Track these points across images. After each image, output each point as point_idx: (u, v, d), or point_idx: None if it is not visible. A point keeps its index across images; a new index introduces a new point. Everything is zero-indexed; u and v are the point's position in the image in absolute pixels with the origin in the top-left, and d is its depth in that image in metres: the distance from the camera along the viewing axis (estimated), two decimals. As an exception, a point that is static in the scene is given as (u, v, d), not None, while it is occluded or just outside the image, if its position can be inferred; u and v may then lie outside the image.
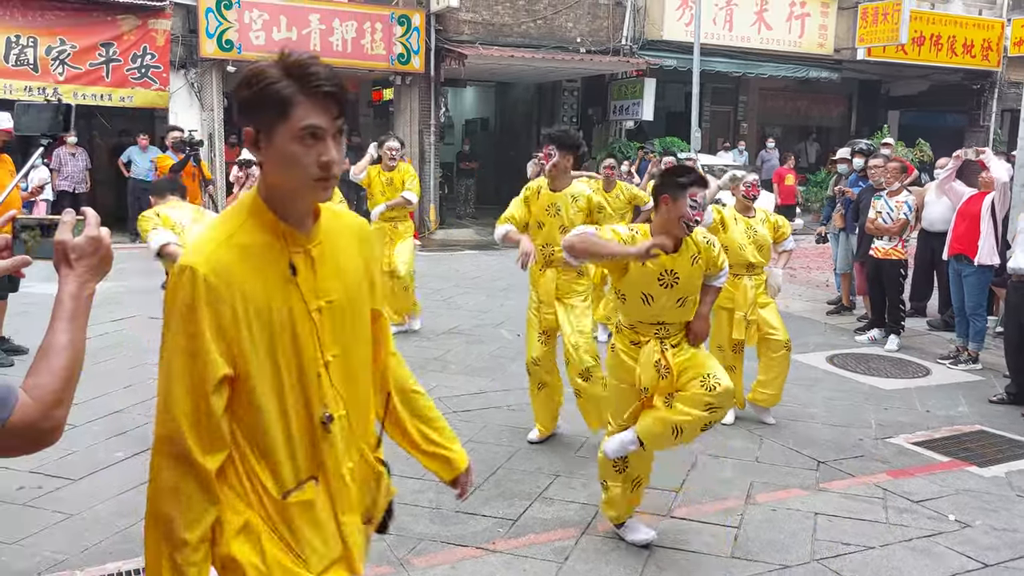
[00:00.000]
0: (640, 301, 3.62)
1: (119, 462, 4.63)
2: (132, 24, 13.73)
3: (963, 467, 4.99)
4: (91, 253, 1.50)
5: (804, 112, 23.06)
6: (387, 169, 7.77)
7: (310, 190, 1.66)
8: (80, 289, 1.48)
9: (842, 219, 9.20)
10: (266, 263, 1.67)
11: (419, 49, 15.59)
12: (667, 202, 3.48)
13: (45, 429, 1.37)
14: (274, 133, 1.62)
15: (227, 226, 1.69)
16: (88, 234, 1.50)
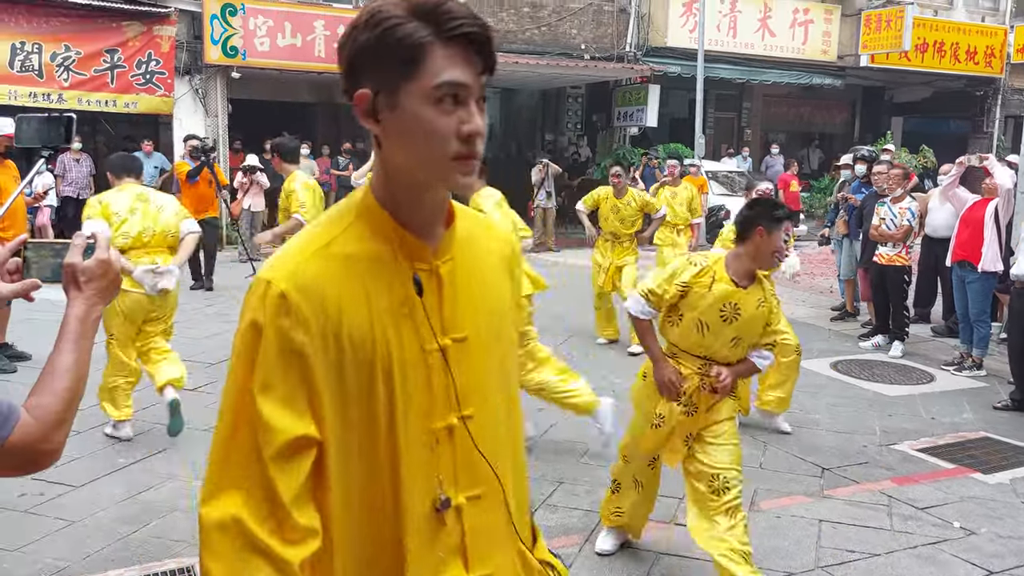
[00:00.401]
0: (694, 328, 3.43)
1: (120, 469, 4.63)
2: (137, 30, 13.77)
3: (968, 474, 4.97)
4: (100, 276, 1.50)
5: (807, 118, 23.06)
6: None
7: (445, 175, 1.22)
8: (88, 312, 1.48)
9: (846, 225, 9.18)
10: (375, 282, 1.24)
11: (423, 55, 15.59)
12: (761, 234, 3.31)
13: (44, 451, 1.36)
14: (399, 94, 1.20)
15: (326, 230, 1.27)
16: (98, 257, 1.50)
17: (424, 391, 1.26)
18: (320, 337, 1.19)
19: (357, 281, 1.23)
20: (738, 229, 3.43)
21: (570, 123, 19.80)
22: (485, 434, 1.32)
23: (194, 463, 4.70)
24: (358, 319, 1.22)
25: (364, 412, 1.22)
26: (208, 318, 8.54)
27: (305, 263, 1.22)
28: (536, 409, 5.84)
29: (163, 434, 5.13)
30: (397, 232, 1.26)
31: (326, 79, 16.15)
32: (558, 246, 15.48)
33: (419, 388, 1.25)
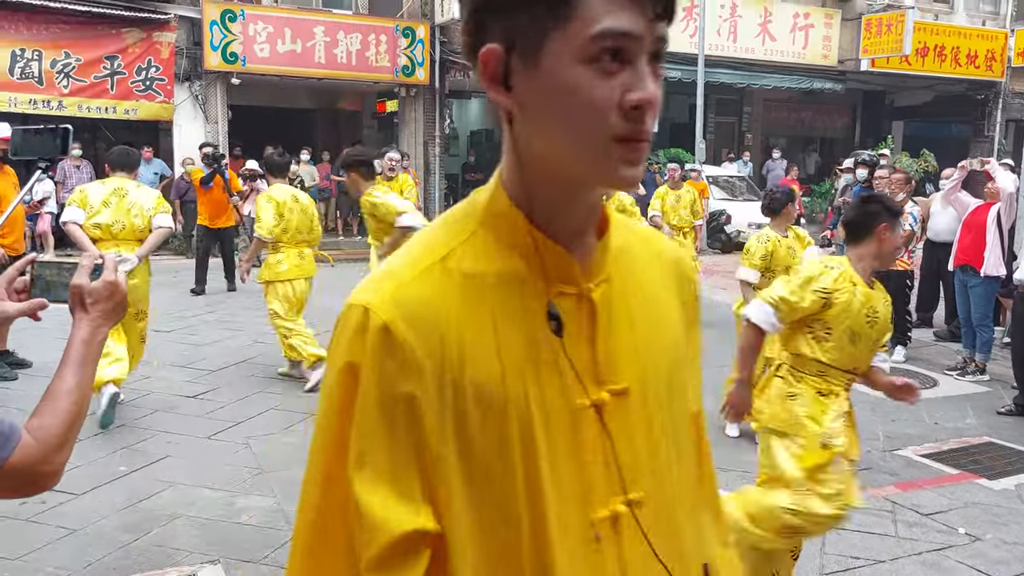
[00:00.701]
0: (847, 339, 3.13)
1: (122, 476, 4.61)
2: (137, 37, 13.80)
3: (972, 480, 4.95)
4: (107, 298, 1.50)
5: (808, 123, 23.07)
6: (387, 179, 8.11)
7: (602, 164, 0.88)
8: (93, 334, 1.47)
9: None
10: (507, 310, 0.92)
11: (424, 61, 15.64)
12: (887, 230, 3.13)
13: (44, 472, 1.35)
14: (540, 50, 0.87)
15: (442, 239, 0.96)
16: (105, 279, 1.50)
17: (576, 465, 0.91)
18: (436, 387, 0.87)
19: (483, 309, 0.90)
20: (855, 229, 3.23)
21: (571, 128, 19.78)
22: (660, 526, 0.96)
23: (195, 470, 4.68)
24: (485, 361, 0.89)
25: (498, 494, 0.89)
26: (209, 325, 8.53)
27: (415, 284, 0.90)
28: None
29: (164, 441, 5.12)
30: (535, 239, 0.93)
31: (326, 85, 16.19)
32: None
33: (569, 460, 0.91)
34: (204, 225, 10.56)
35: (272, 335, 8.08)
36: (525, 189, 0.94)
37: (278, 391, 6.25)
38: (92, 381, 1.46)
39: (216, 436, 5.27)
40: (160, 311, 9.04)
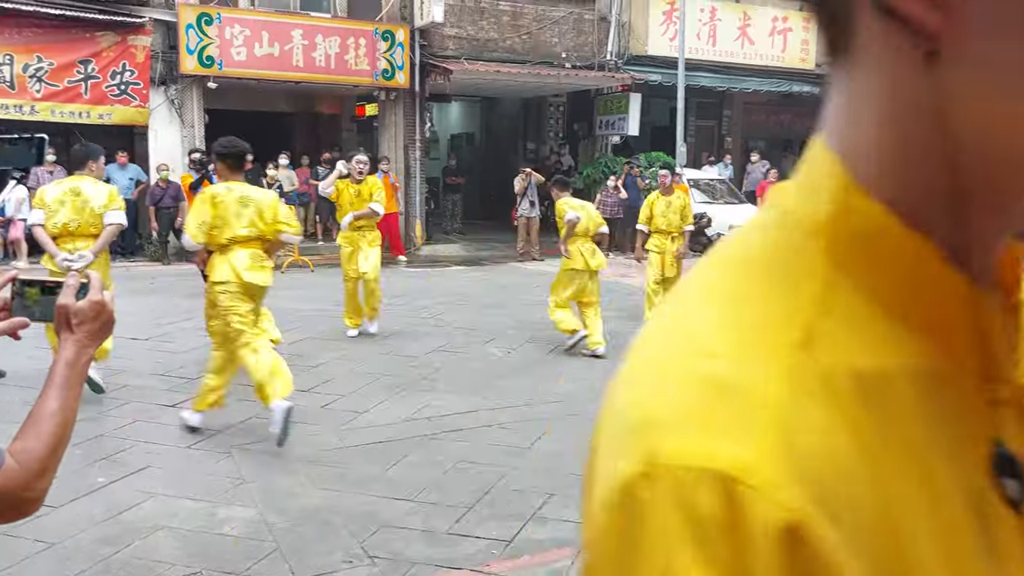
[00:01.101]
0: None
1: (101, 488, 4.49)
2: (111, 41, 13.61)
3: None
4: (93, 318, 1.45)
5: (787, 126, 23.16)
6: (355, 182, 8.33)
7: None
8: (78, 356, 1.43)
9: None
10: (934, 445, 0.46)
11: (404, 64, 15.55)
12: None
13: (26, 498, 1.31)
14: None
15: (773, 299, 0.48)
16: (91, 298, 1.45)
17: None
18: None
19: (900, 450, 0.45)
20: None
21: (552, 132, 19.78)
22: None
23: (175, 481, 4.58)
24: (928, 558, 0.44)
25: None
26: (186, 332, 8.38)
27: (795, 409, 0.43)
28: (524, 420, 5.77)
29: (144, 452, 5.01)
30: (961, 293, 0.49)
31: (304, 89, 16.05)
32: (543, 255, 15.41)
33: None
34: None
35: (252, 341, 8.01)
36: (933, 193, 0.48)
37: (258, 399, 6.13)
38: (77, 403, 1.42)
39: (196, 445, 5.17)
40: (137, 319, 8.91)
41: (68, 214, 5.82)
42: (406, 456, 5.05)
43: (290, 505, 4.32)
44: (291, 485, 4.59)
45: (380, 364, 7.24)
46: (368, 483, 4.63)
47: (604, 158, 17.82)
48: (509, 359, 7.58)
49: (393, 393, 6.37)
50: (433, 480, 4.69)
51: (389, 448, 5.19)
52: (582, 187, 17.73)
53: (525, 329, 8.85)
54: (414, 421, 5.73)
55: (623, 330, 8.96)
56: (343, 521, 4.14)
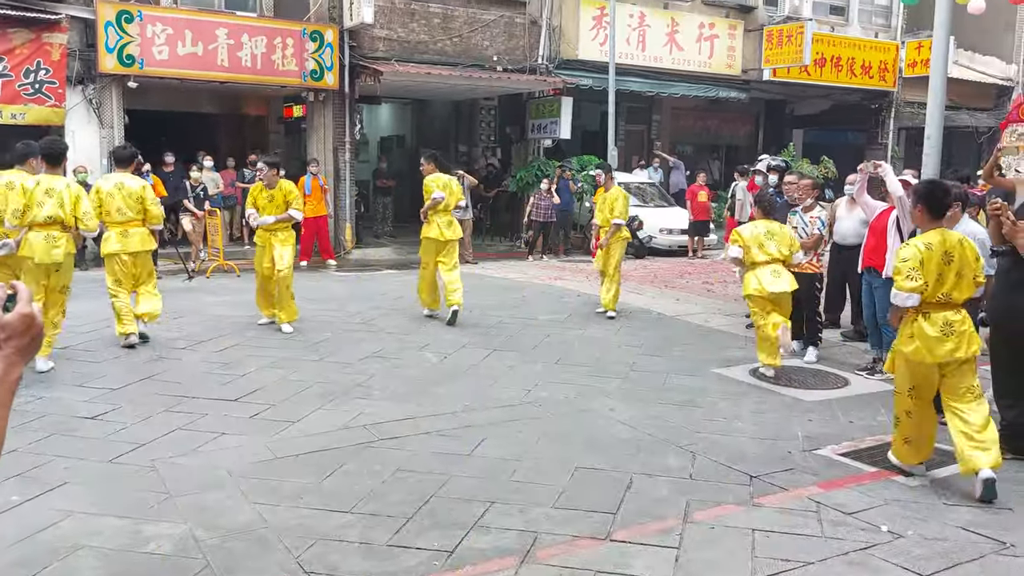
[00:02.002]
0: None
1: (15, 506, 4.24)
2: (25, 38, 13.03)
3: (890, 477, 5.05)
4: (22, 332, 1.35)
5: (714, 131, 23.67)
6: (268, 187, 8.69)
7: None
8: (7, 372, 1.33)
9: None
10: None
11: (333, 65, 15.30)
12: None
13: None
14: None
15: None
16: (21, 311, 1.35)
17: None
18: None
19: None
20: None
21: (484, 135, 19.74)
22: None
23: (96, 497, 4.36)
24: None
25: None
26: (106, 340, 8.02)
27: None
28: (464, 426, 5.69)
29: (62, 467, 4.76)
30: None
31: (230, 89, 15.67)
32: (476, 258, 15.35)
33: None
34: None
35: (183, 349, 7.73)
36: None
37: (186, 409, 5.92)
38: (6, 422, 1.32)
39: (119, 459, 4.94)
40: (54, 327, 8.51)
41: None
42: (342, 466, 4.92)
43: (220, 521, 4.15)
44: (221, 499, 4.41)
45: (312, 371, 7.07)
46: (303, 495, 4.49)
47: (537, 161, 17.87)
48: (444, 364, 7.49)
49: (327, 401, 6.22)
50: (371, 490, 4.57)
51: (324, 458, 5.05)
52: (515, 190, 17.76)
53: (460, 334, 8.77)
54: (350, 429, 5.59)
55: (555, 332, 8.97)
56: (277, 536, 4.00)
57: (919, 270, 4.74)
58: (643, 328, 9.47)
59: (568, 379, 7.08)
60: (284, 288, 8.54)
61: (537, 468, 4.97)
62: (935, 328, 4.76)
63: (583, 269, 14.64)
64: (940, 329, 4.76)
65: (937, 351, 4.77)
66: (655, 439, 5.60)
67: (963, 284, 4.82)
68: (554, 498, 4.53)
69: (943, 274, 4.77)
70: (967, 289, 4.85)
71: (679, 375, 7.37)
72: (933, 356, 4.77)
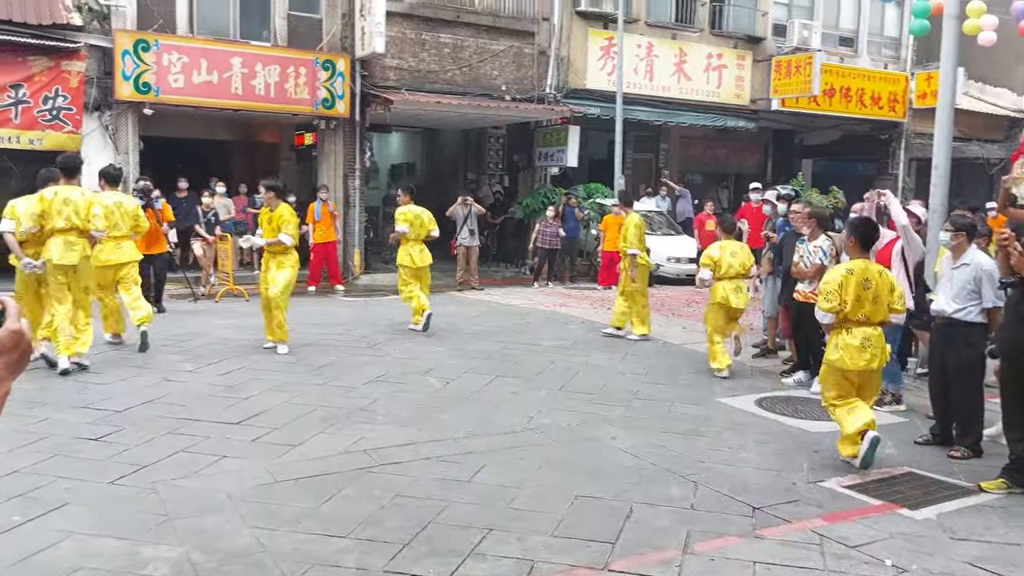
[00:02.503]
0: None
1: (16, 527, 4.25)
2: (44, 65, 13.24)
3: (895, 510, 5.00)
4: (11, 348, 1.35)
5: (723, 160, 23.71)
6: (270, 209, 8.96)
7: None
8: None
9: (770, 263, 9.36)
10: None
11: (344, 94, 15.47)
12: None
13: None
14: None
15: None
16: (9, 327, 1.35)
17: None
18: None
19: None
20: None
21: (492, 163, 19.86)
22: None
23: (97, 519, 4.36)
24: None
25: None
26: (112, 362, 8.08)
27: None
28: (465, 452, 5.68)
29: (63, 488, 4.76)
30: None
31: (243, 117, 15.85)
32: (482, 284, 15.38)
33: None
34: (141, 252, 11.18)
35: (189, 372, 7.76)
36: None
37: (189, 432, 5.93)
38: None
39: (120, 481, 4.94)
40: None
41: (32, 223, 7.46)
42: (341, 490, 4.91)
43: (218, 544, 4.15)
44: (219, 523, 4.41)
45: (316, 395, 7.07)
46: (301, 519, 4.48)
47: (543, 189, 17.94)
48: (448, 390, 7.48)
49: (329, 425, 6.22)
50: (369, 515, 4.56)
51: (324, 482, 5.04)
52: (521, 217, 17.83)
53: (464, 359, 8.77)
54: (350, 454, 5.59)
55: (559, 359, 8.95)
56: (273, 560, 3.99)
57: (837, 293, 5.62)
58: (649, 356, 9.44)
59: (571, 406, 7.06)
60: (276, 310, 8.76)
61: (537, 496, 4.95)
62: (856, 340, 5.66)
63: (588, 296, 14.65)
64: (860, 342, 5.65)
65: (857, 361, 5.66)
66: (657, 468, 5.56)
67: (879, 309, 5.70)
68: (553, 526, 4.50)
69: (861, 297, 5.63)
70: (882, 313, 5.73)
71: (684, 404, 7.34)
72: (853, 364, 5.66)
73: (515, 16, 17.37)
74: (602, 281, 15.69)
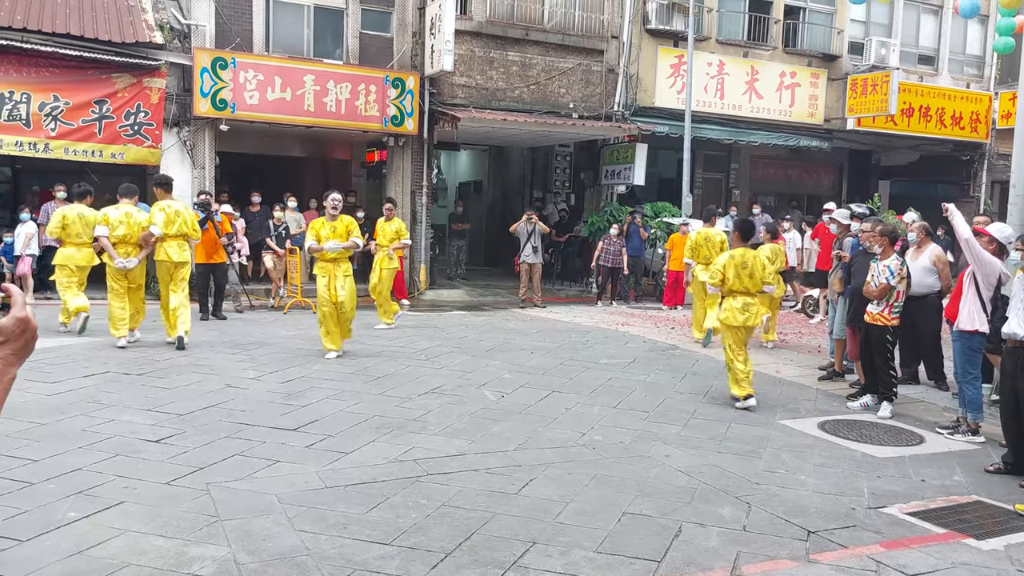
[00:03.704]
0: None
1: (71, 523, 4.38)
2: (127, 82, 13.81)
3: (960, 539, 4.77)
4: (18, 335, 1.38)
5: (795, 180, 23.22)
6: (330, 219, 9.26)
7: None
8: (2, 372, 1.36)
9: (840, 283, 9.11)
10: None
11: (413, 111, 15.70)
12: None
13: None
14: None
15: None
16: (15, 315, 1.39)
17: None
18: None
19: None
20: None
21: (558, 180, 19.88)
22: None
23: (149, 517, 4.47)
24: None
25: None
26: (180, 368, 8.32)
27: None
28: (514, 465, 5.65)
29: (121, 487, 4.90)
30: None
31: (315, 133, 16.23)
32: (545, 302, 15.35)
33: None
34: (201, 262, 12.08)
35: (251, 379, 7.93)
36: None
37: (246, 436, 6.05)
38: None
39: (175, 482, 5.06)
40: (136, 354, 8.87)
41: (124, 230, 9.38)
42: (389, 498, 4.93)
43: (264, 546, 4.20)
44: (267, 525, 4.47)
45: (372, 404, 7.14)
46: (347, 525, 4.51)
47: (609, 207, 17.85)
48: (502, 403, 7.46)
49: (382, 434, 6.26)
50: (414, 523, 4.56)
51: (372, 489, 5.07)
52: (587, 235, 17.77)
53: (521, 374, 8.75)
54: (400, 463, 5.61)
55: (617, 376, 8.85)
56: (316, 563, 4.01)
57: (720, 272, 7.85)
58: (709, 377, 9.26)
59: (625, 423, 6.96)
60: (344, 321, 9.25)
61: (583, 511, 4.88)
62: (738, 304, 7.83)
63: (652, 316, 14.48)
64: (741, 306, 7.82)
65: (739, 318, 7.80)
66: (710, 488, 5.43)
67: (755, 282, 7.84)
68: (598, 542, 4.43)
69: (739, 274, 7.79)
70: (757, 285, 7.86)
71: (742, 424, 7.17)
72: (736, 321, 7.79)
73: (584, 34, 17.40)
74: (667, 301, 15.50)
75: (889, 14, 20.52)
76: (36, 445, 5.55)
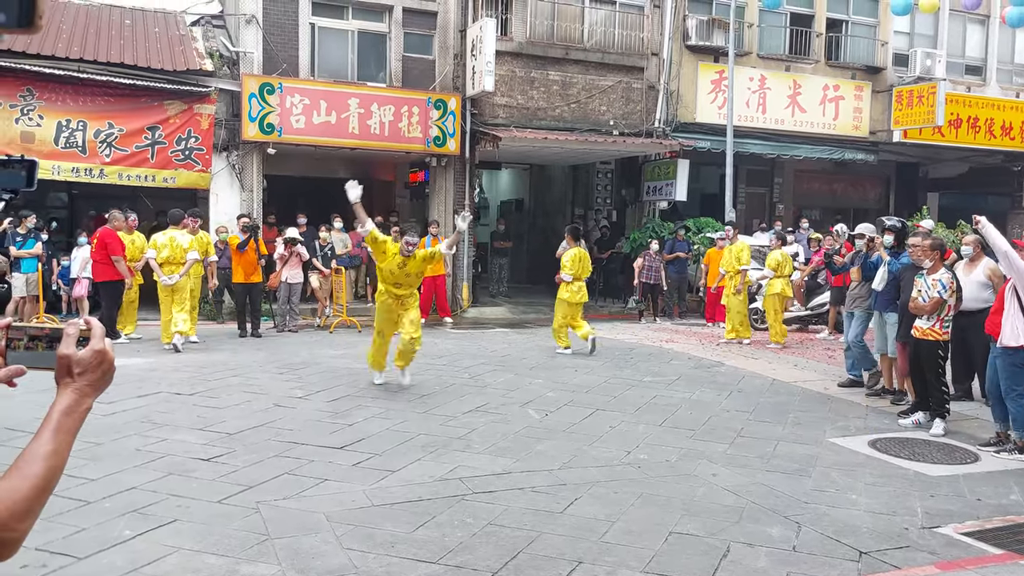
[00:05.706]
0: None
1: (126, 541, 4.49)
2: (178, 108, 14.19)
3: (1018, 560, 4.65)
4: (95, 367, 1.44)
5: (841, 194, 22.93)
6: (404, 255, 8.57)
7: None
8: (77, 403, 1.42)
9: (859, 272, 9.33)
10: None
11: (455, 132, 15.87)
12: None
13: (4, 539, 1.26)
14: None
15: None
16: (93, 347, 1.45)
17: None
18: None
19: None
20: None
21: (600, 198, 19.90)
22: None
23: (201, 535, 4.56)
24: None
25: None
26: (231, 388, 8.48)
27: None
28: (559, 483, 5.65)
29: (174, 505, 5.01)
30: None
31: (359, 155, 16.48)
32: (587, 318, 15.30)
33: None
34: (240, 282, 12.65)
35: (299, 398, 8.06)
36: None
37: (294, 455, 6.14)
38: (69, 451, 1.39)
39: (227, 500, 5.16)
40: (185, 374, 9.06)
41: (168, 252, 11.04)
42: (435, 516, 4.97)
43: (312, 564, 4.26)
44: (316, 543, 4.53)
45: (417, 423, 7.20)
46: (394, 543, 4.55)
47: (651, 223, 17.80)
48: (547, 421, 7.47)
49: (428, 452, 6.31)
50: (460, 542, 4.59)
51: (418, 508, 5.11)
52: (628, 251, 17.73)
53: (565, 392, 8.75)
54: (446, 481, 5.65)
55: (661, 394, 8.80)
56: (364, 581, 4.06)
57: (577, 264, 11.28)
58: (756, 394, 9.16)
59: (671, 442, 6.92)
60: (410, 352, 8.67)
61: (629, 530, 4.86)
62: (577, 286, 11.35)
63: (696, 332, 14.37)
64: (578, 288, 11.33)
65: (577, 299, 11.32)
66: (759, 507, 5.37)
67: (584, 269, 11.41)
68: (644, 562, 4.41)
69: (584, 267, 11.40)
70: (587, 271, 11.55)
71: (791, 443, 7.08)
72: (576, 300, 11.30)
73: (624, 52, 17.44)
74: (709, 317, 15.37)
75: (934, 25, 20.24)
76: (93, 464, 5.70)
